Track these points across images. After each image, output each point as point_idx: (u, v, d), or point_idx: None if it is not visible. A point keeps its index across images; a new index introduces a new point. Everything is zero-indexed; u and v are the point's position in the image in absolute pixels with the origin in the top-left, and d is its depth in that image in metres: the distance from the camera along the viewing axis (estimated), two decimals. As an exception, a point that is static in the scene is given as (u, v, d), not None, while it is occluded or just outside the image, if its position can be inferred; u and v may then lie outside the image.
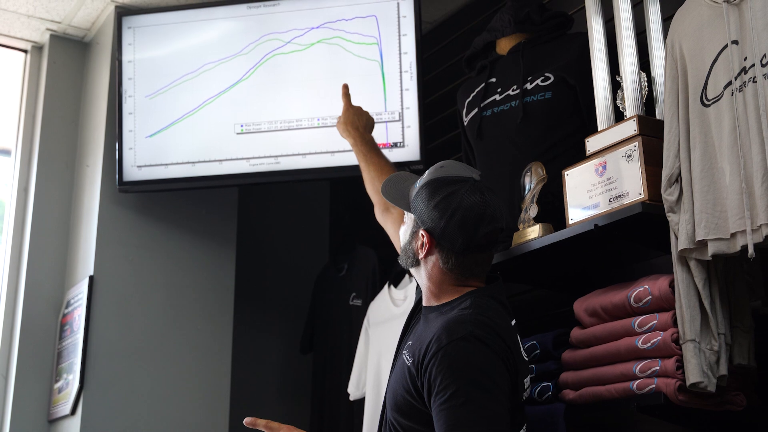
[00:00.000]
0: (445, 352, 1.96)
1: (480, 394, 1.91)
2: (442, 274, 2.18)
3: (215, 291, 3.67)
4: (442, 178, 2.19)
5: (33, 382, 3.56)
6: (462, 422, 1.88)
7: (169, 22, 3.52)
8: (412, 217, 2.24)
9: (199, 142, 3.41)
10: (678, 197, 2.10)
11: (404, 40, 3.26)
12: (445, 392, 1.92)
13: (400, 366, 2.14)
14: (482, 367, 1.96)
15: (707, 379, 2.02)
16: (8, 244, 3.74)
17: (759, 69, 1.94)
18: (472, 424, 1.88)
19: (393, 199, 2.32)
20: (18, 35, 3.91)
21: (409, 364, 2.06)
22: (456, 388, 1.92)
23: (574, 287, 2.57)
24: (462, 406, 1.90)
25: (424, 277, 2.22)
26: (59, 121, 3.85)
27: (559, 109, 2.69)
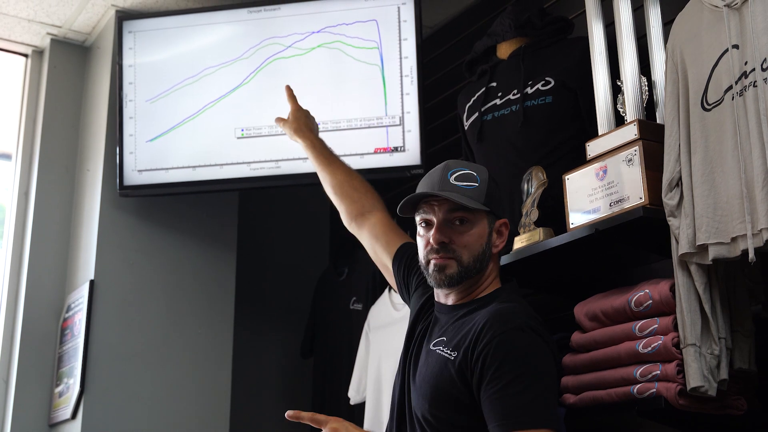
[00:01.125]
0: (501, 340, 1.97)
1: (538, 384, 1.93)
2: (497, 266, 2.24)
3: (216, 295, 3.67)
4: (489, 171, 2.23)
5: (34, 387, 3.56)
6: (519, 410, 1.89)
7: (170, 27, 3.53)
8: (478, 221, 2.17)
9: (199, 146, 3.41)
10: (678, 201, 2.10)
11: (405, 44, 3.26)
12: (500, 380, 1.92)
13: (436, 363, 2.10)
14: (539, 357, 1.99)
15: (708, 383, 2.02)
16: (9, 248, 3.75)
17: (759, 73, 1.94)
18: (530, 413, 1.90)
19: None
20: (19, 39, 3.91)
21: (453, 358, 2.04)
22: (513, 376, 1.92)
23: (574, 291, 2.57)
24: (520, 395, 1.91)
25: (480, 276, 2.20)
26: (60, 126, 3.85)
27: (559, 114, 2.69)
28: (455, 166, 2.21)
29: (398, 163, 3.17)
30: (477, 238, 2.16)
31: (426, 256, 2.18)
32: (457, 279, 2.15)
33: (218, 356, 3.61)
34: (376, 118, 3.21)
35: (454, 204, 2.14)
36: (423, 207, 2.19)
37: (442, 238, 2.14)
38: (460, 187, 2.16)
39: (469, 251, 2.14)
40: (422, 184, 2.23)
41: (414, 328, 2.30)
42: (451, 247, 2.14)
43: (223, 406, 3.56)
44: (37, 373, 3.58)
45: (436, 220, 2.16)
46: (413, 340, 2.27)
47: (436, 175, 2.19)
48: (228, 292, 3.70)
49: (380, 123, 3.21)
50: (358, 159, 3.22)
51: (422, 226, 2.20)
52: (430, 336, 2.22)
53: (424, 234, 2.19)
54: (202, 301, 3.63)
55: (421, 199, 2.18)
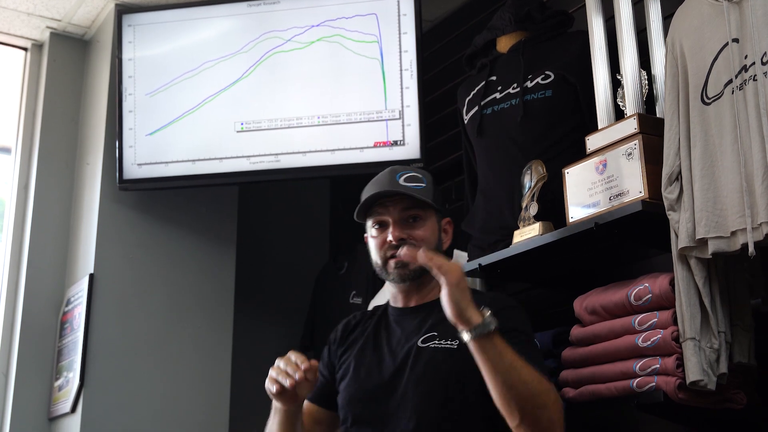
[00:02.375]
0: (507, 314, 2.09)
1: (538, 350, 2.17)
2: None
3: (215, 289, 3.67)
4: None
5: (33, 380, 3.56)
6: (535, 357, 2.04)
7: (170, 20, 3.52)
8: (429, 218, 2.25)
9: (199, 140, 3.41)
10: (678, 195, 2.10)
11: (404, 38, 3.26)
12: (514, 334, 2.03)
13: (434, 357, 2.14)
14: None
15: (707, 377, 2.03)
16: (8, 242, 3.75)
17: (759, 67, 1.94)
18: (540, 360, 2.11)
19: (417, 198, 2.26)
20: (18, 33, 3.91)
21: (457, 346, 2.09)
22: (526, 335, 2.12)
23: (574, 285, 2.57)
24: (535, 350, 2.10)
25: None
26: (59, 119, 3.85)
27: (559, 107, 2.69)
28: (402, 169, 2.29)
29: (398, 156, 3.17)
30: (431, 233, 2.25)
31: (383, 255, 2.23)
32: (419, 272, 2.20)
33: (218, 350, 3.61)
34: (376, 111, 3.20)
35: (407, 203, 2.22)
36: (376, 209, 2.26)
37: (401, 234, 2.21)
38: (411, 188, 2.24)
39: (426, 245, 2.19)
40: (370, 188, 2.29)
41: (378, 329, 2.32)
42: (409, 242, 2.20)
43: (222, 399, 3.57)
44: (36, 367, 3.58)
45: (391, 219, 2.23)
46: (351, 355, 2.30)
47: (386, 179, 2.27)
48: (227, 286, 3.70)
49: (380, 117, 3.21)
50: (358, 153, 3.22)
51: (376, 228, 2.26)
52: (389, 340, 2.26)
53: (378, 235, 2.25)
54: (202, 294, 3.63)
55: (377, 200, 2.25)
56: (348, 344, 2.34)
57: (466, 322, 1.92)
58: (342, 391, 2.27)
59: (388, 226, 2.23)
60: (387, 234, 2.22)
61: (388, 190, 2.24)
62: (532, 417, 1.93)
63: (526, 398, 1.92)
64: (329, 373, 2.36)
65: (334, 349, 2.37)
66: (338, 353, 2.35)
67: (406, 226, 2.23)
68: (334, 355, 2.36)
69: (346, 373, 2.28)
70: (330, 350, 2.38)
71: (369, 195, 2.26)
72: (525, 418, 1.92)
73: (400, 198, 2.23)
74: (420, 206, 2.23)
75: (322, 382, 2.35)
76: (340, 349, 2.35)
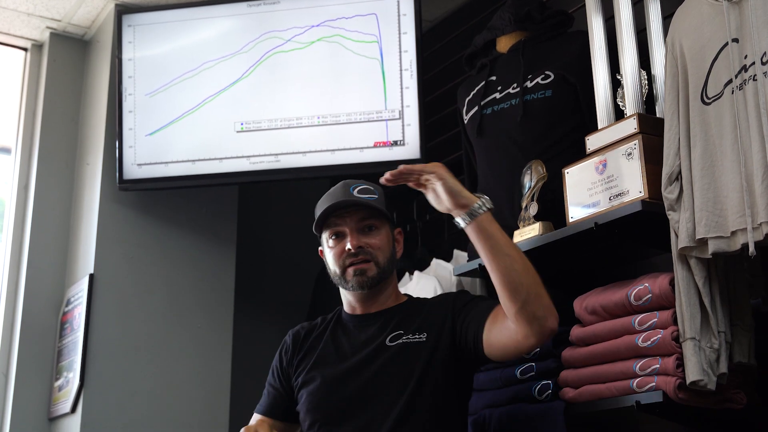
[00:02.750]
0: (458, 295, 2.33)
1: None
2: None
3: (215, 289, 3.67)
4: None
5: (33, 380, 3.56)
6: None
7: (169, 20, 3.52)
8: (384, 227, 2.35)
9: (199, 140, 3.41)
10: (678, 195, 2.10)
11: (404, 38, 3.26)
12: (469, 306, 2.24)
13: (401, 352, 2.22)
14: None
15: (707, 377, 2.02)
16: (8, 242, 3.75)
17: (759, 67, 1.94)
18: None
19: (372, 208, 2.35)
20: (18, 33, 3.91)
21: (425, 338, 2.23)
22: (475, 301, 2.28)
23: (574, 285, 2.57)
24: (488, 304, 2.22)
25: (391, 280, 2.39)
26: (59, 120, 3.85)
27: (559, 107, 2.68)
28: (354, 182, 2.38)
29: (398, 157, 3.17)
30: (386, 242, 2.35)
31: (342, 263, 2.32)
32: (377, 279, 2.31)
33: (218, 350, 3.61)
34: (376, 111, 3.21)
35: (363, 214, 2.32)
36: (333, 221, 2.34)
37: (358, 242, 2.30)
38: (365, 199, 2.33)
39: (382, 253, 2.32)
40: (325, 201, 2.37)
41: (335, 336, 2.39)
42: (367, 251, 2.30)
43: (222, 398, 3.57)
44: (36, 367, 3.58)
45: (348, 229, 2.32)
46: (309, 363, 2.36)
47: (339, 192, 2.36)
48: (228, 286, 3.70)
49: (380, 117, 3.21)
50: (358, 153, 3.22)
51: (333, 238, 2.35)
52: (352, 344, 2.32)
53: (335, 245, 2.34)
54: (202, 294, 3.63)
55: (334, 211, 2.32)
56: (305, 351, 2.39)
57: (464, 205, 2.06)
58: (306, 398, 2.31)
59: (345, 237, 2.32)
60: (345, 243, 2.31)
61: (346, 200, 2.32)
62: (533, 301, 2.04)
63: (528, 280, 2.04)
64: (282, 385, 2.41)
65: (289, 358, 2.42)
66: (294, 361, 2.40)
67: (362, 235, 2.31)
68: (289, 365, 2.41)
69: (309, 380, 2.32)
70: (283, 360, 2.43)
71: (326, 206, 2.34)
72: (527, 302, 2.03)
73: (356, 209, 2.32)
74: (375, 216, 2.33)
75: (275, 395, 2.43)
76: (297, 356, 2.40)
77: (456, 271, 2.80)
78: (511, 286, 2.04)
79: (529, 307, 2.03)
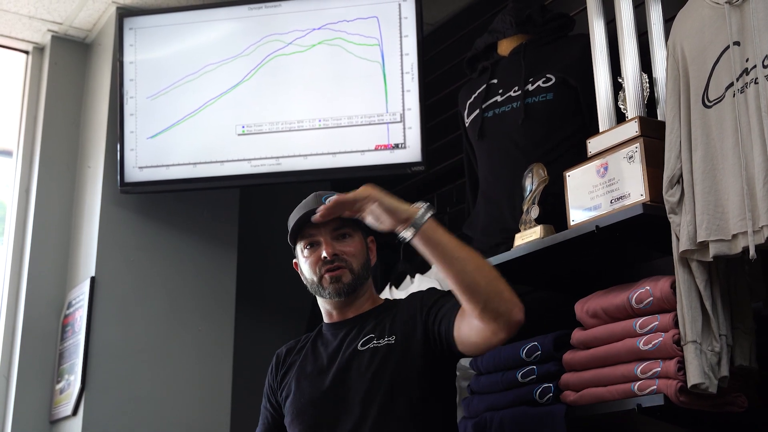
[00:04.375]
0: (424, 294, 2.33)
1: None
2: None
3: (216, 292, 3.67)
4: None
5: (34, 383, 3.56)
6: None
7: (171, 24, 3.52)
8: (357, 235, 2.37)
9: (200, 143, 3.41)
10: (679, 198, 2.10)
11: (406, 41, 3.26)
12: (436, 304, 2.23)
13: (373, 356, 2.23)
14: None
15: (708, 380, 2.02)
16: (10, 245, 3.75)
17: (761, 70, 1.94)
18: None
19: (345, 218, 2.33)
20: (19, 36, 3.91)
21: (394, 340, 2.24)
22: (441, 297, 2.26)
23: (575, 288, 2.57)
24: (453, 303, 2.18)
25: (366, 286, 2.39)
26: (60, 123, 3.85)
27: (560, 111, 2.69)
28: (326, 193, 2.40)
29: (399, 160, 3.17)
30: (360, 248, 2.37)
31: (318, 272, 2.34)
32: (353, 285, 2.33)
33: (219, 353, 3.61)
34: (377, 114, 3.21)
35: (336, 223, 2.32)
36: (307, 231, 2.37)
37: (334, 250, 2.32)
38: None
39: (357, 260, 2.34)
40: (298, 212, 2.40)
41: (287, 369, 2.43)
42: (342, 258, 2.32)
43: (224, 402, 3.57)
44: (38, 370, 3.58)
45: (323, 238, 2.34)
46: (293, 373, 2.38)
47: (312, 202, 2.39)
48: (229, 289, 3.70)
49: (381, 120, 3.21)
50: (359, 156, 3.22)
51: (308, 248, 2.37)
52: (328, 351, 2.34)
53: (310, 255, 2.36)
54: (203, 298, 3.63)
55: (308, 221, 2.32)
56: (288, 366, 2.44)
57: (405, 219, 2.03)
58: (288, 408, 2.35)
59: (320, 246, 2.34)
60: (320, 252, 2.33)
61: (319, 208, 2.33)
62: (494, 299, 2.01)
63: (484, 279, 2.01)
64: (273, 405, 2.46)
65: (275, 374, 2.46)
66: (278, 378, 2.44)
67: (336, 242, 2.34)
68: (275, 381, 2.46)
69: (290, 392, 2.36)
70: (271, 378, 2.47)
71: (300, 215, 2.37)
72: (488, 301, 2.01)
73: (327, 220, 2.29)
74: (348, 225, 2.34)
75: (267, 416, 2.48)
76: (281, 372, 2.44)
77: (457, 273, 2.79)
78: (468, 288, 2.01)
79: (490, 305, 2.00)
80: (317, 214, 2.12)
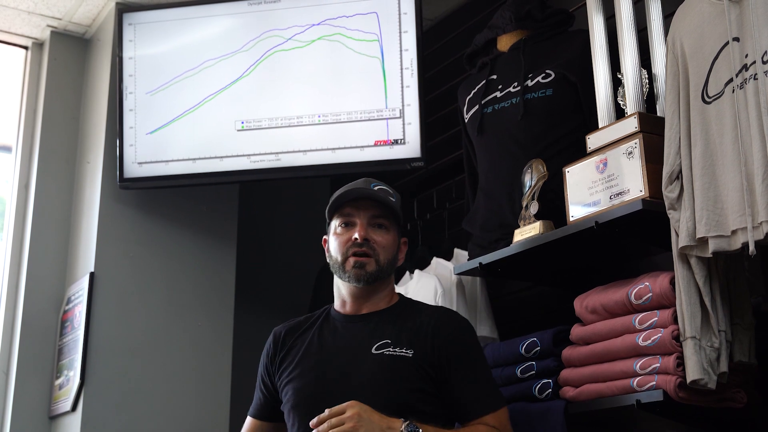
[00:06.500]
0: (459, 334, 2.27)
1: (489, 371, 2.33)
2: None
3: (216, 288, 3.67)
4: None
5: (34, 379, 3.56)
6: (492, 393, 2.22)
7: (170, 19, 3.52)
8: (393, 230, 2.36)
9: (199, 138, 3.41)
10: (679, 194, 2.10)
11: (405, 37, 3.26)
12: (467, 367, 2.22)
13: (388, 363, 2.21)
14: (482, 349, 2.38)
15: (707, 376, 2.03)
16: (9, 241, 3.75)
17: (760, 66, 1.94)
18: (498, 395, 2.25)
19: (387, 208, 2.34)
20: (19, 32, 3.91)
21: (411, 355, 2.21)
22: (477, 363, 2.25)
23: (574, 284, 2.57)
24: (488, 380, 2.25)
25: (387, 283, 2.38)
26: (60, 118, 3.85)
27: (560, 106, 2.68)
28: (375, 181, 2.39)
29: (398, 155, 3.17)
30: (392, 243, 2.35)
31: (345, 252, 2.33)
32: (375, 276, 2.31)
33: (218, 348, 3.61)
34: (377, 110, 3.20)
35: (377, 211, 2.33)
36: (347, 210, 2.35)
37: (367, 235, 2.31)
38: (384, 197, 2.36)
39: (385, 253, 2.33)
40: (344, 189, 2.38)
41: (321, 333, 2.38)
42: (372, 246, 2.31)
43: (223, 397, 3.57)
44: (37, 366, 3.58)
45: (359, 220, 2.33)
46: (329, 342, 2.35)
47: (360, 184, 2.37)
48: (228, 285, 3.70)
49: (380, 115, 3.21)
50: (358, 151, 3.22)
51: (342, 226, 2.35)
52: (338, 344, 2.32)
53: (343, 233, 2.34)
54: (203, 293, 3.63)
55: (351, 200, 2.33)
56: (288, 349, 2.39)
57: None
58: (288, 394, 2.31)
59: (354, 227, 2.32)
60: (353, 233, 2.31)
61: (367, 191, 2.34)
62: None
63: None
64: (267, 386, 2.42)
65: (272, 356, 2.42)
66: (277, 360, 2.40)
67: (372, 230, 2.32)
68: (272, 363, 2.41)
69: (291, 378, 2.32)
70: (268, 358, 2.43)
71: (345, 192, 2.35)
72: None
73: (372, 205, 2.33)
74: (387, 216, 2.34)
75: (262, 397, 2.44)
76: (280, 354, 2.40)
77: (456, 269, 2.80)
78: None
79: None
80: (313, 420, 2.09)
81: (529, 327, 2.60)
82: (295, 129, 3.31)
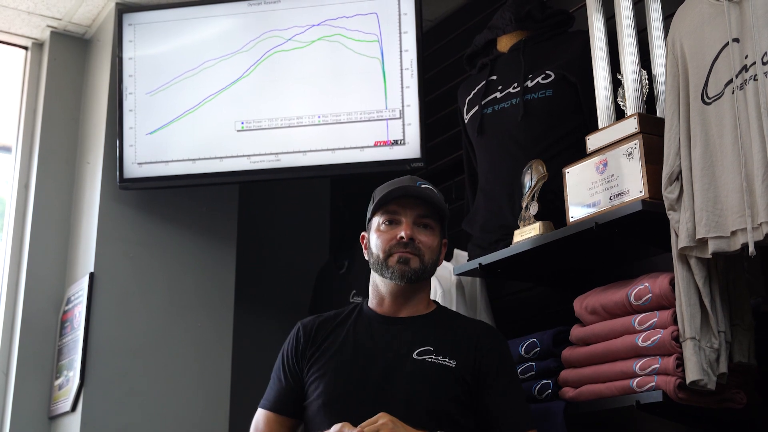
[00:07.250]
0: (499, 351, 2.28)
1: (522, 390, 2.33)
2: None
3: (216, 288, 3.67)
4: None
5: (33, 379, 3.56)
6: (523, 412, 2.22)
7: (170, 19, 3.52)
8: (437, 231, 2.34)
9: (199, 139, 3.41)
10: (678, 195, 2.10)
11: (405, 37, 3.26)
12: (507, 376, 2.25)
13: (430, 371, 2.19)
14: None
15: (707, 376, 2.03)
16: (9, 241, 3.74)
17: (760, 67, 1.94)
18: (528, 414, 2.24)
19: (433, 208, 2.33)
20: (19, 32, 3.91)
21: (454, 365, 2.20)
22: (511, 380, 2.25)
23: (574, 285, 2.57)
24: (520, 398, 2.25)
25: (426, 285, 2.36)
26: (60, 118, 3.85)
27: (560, 107, 2.69)
28: (419, 179, 2.38)
29: (398, 156, 3.17)
30: (436, 244, 2.33)
31: (389, 249, 2.29)
32: (419, 274, 2.28)
33: (218, 349, 3.61)
34: (377, 111, 3.20)
35: (423, 211, 2.31)
36: (392, 207, 2.32)
37: (413, 234, 2.28)
38: (431, 197, 2.34)
39: (429, 253, 2.31)
40: (389, 186, 2.35)
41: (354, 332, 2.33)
42: (417, 245, 2.29)
43: (222, 398, 3.57)
44: (36, 366, 3.58)
45: (405, 219, 2.30)
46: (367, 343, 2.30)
47: (406, 182, 2.35)
48: (228, 285, 3.70)
49: (380, 116, 3.21)
50: (358, 152, 3.22)
51: (386, 224, 2.32)
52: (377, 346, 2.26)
53: (387, 230, 2.31)
54: (202, 293, 3.63)
55: (398, 197, 2.30)
56: (318, 345, 2.32)
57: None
58: (318, 391, 2.24)
59: (399, 225, 2.29)
60: (398, 231, 2.28)
61: (416, 190, 2.31)
62: None
63: None
64: (292, 378, 2.32)
65: (303, 349, 2.33)
66: (307, 354, 2.32)
67: (417, 230, 2.30)
68: (302, 357, 2.32)
69: (322, 374, 2.25)
70: (295, 352, 2.34)
71: (393, 189, 2.31)
72: None
73: (417, 204, 2.30)
74: (433, 216, 2.32)
75: (282, 388, 2.33)
76: (310, 349, 2.32)
77: (456, 270, 2.80)
78: None
79: None
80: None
81: (529, 328, 2.60)
82: (294, 129, 3.31)
